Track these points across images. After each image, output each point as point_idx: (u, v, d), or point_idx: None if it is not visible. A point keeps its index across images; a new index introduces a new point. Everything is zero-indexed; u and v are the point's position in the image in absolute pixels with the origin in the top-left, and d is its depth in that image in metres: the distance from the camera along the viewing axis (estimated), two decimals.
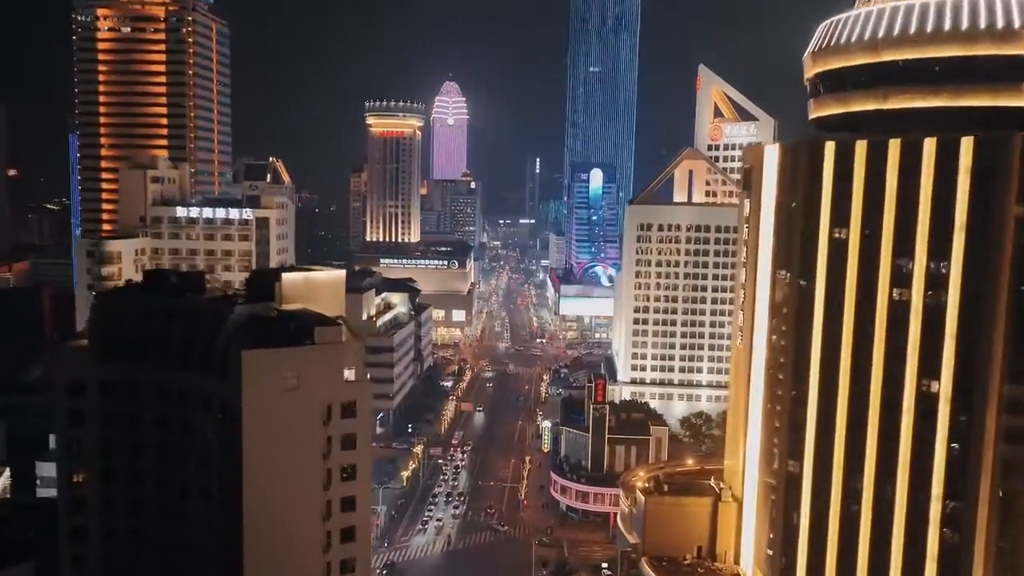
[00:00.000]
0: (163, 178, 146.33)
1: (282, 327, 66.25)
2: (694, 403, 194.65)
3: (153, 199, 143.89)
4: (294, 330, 65.77)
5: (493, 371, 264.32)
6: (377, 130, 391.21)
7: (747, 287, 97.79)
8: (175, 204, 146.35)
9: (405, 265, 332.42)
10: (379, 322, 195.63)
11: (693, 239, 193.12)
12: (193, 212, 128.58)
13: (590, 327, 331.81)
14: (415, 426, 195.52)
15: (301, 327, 65.94)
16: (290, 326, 66.43)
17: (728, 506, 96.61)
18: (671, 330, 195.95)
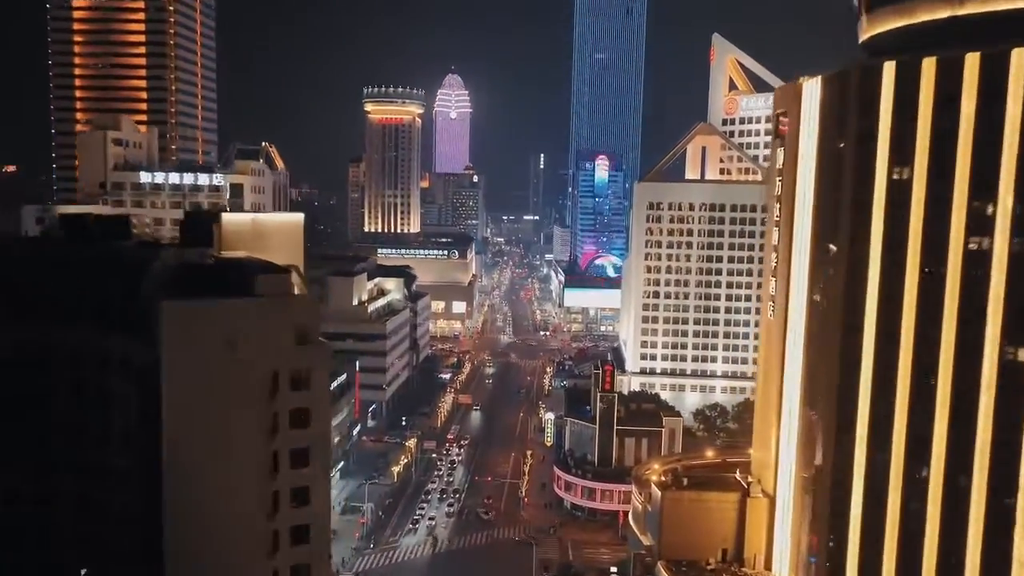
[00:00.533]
0: (127, 141, 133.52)
1: (218, 277, 53.46)
2: (708, 395, 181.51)
3: (115, 163, 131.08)
4: (234, 280, 52.81)
5: (494, 363, 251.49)
6: (375, 117, 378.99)
7: (781, 249, 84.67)
8: (140, 169, 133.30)
9: (404, 255, 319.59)
10: (371, 308, 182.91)
11: (707, 219, 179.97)
12: (158, 177, 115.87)
13: (595, 319, 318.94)
14: (410, 419, 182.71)
15: (242, 277, 52.95)
16: (229, 276, 53.54)
17: (758, 503, 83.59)
18: (683, 316, 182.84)
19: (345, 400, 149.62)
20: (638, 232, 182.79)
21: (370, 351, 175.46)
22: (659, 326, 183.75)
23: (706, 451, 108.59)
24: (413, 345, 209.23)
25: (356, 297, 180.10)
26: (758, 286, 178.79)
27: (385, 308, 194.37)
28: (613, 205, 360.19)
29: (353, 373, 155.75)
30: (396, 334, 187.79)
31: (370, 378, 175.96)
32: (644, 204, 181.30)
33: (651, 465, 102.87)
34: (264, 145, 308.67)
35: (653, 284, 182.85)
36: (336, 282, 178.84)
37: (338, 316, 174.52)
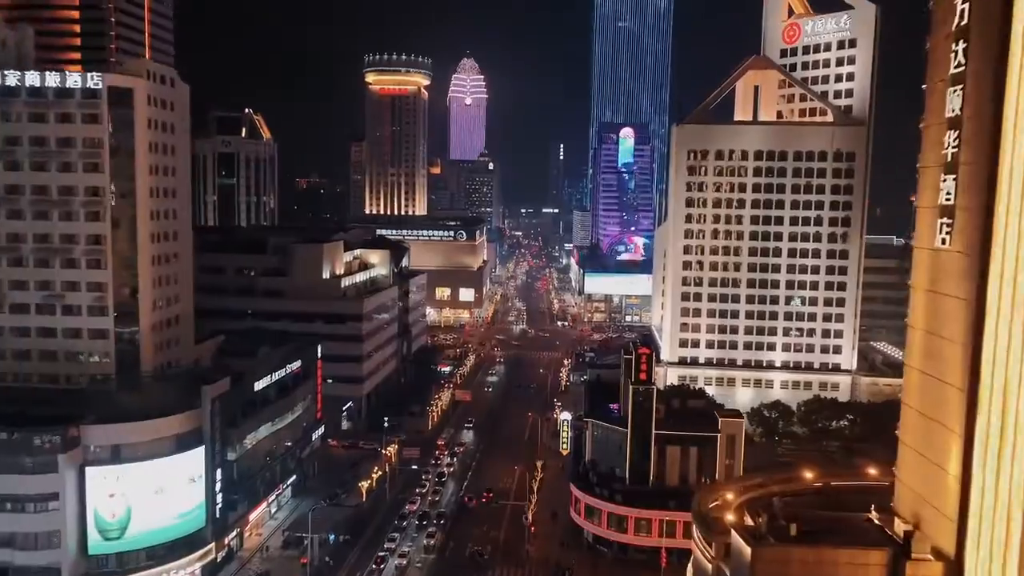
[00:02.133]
0: None
1: None
2: (764, 391, 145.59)
3: None
4: None
5: (504, 356, 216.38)
6: (377, 88, 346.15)
7: (972, 137, 48.28)
8: None
9: (404, 236, 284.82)
10: (346, 283, 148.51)
11: (764, 170, 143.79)
12: (10, 79, 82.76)
13: (620, 308, 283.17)
14: (394, 420, 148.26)
15: None
16: None
17: (926, 568, 47.83)
18: (733, 293, 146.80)
19: (300, 395, 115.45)
20: (676, 189, 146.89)
21: (343, 336, 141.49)
22: (702, 305, 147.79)
23: (797, 469, 72.66)
24: (403, 332, 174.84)
25: (327, 269, 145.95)
26: (829, 254, 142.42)
27: (366, 285, 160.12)
28: (639, 182, 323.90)
29: (313, 361, 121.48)
30: (378, 316, 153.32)
31: (343, 369, 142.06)
32: (683, 153, 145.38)
33: (719, 492, 67.41)
34: (247, 112, 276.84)
35: (696, 253, 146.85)
36: (300, 251, 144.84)
37: (303, 292, 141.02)
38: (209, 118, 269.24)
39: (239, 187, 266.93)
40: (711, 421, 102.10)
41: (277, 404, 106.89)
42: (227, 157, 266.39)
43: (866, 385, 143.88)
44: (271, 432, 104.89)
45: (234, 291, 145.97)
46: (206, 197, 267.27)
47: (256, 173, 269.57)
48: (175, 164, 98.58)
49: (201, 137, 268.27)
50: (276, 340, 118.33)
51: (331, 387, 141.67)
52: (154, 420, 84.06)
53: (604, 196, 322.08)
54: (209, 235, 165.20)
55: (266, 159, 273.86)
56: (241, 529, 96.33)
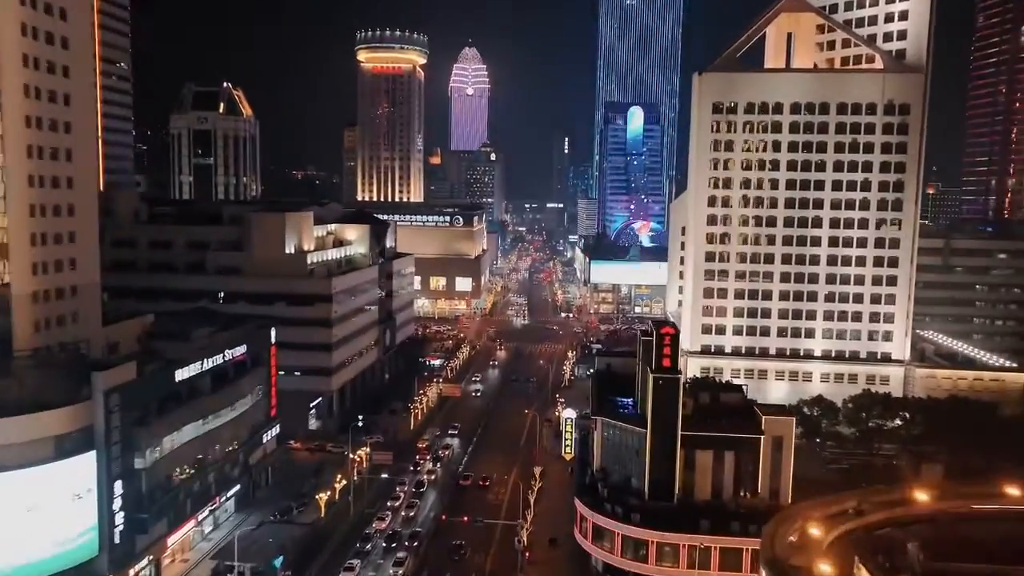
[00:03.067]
0: None
1: None
2: (801, 385, 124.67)
3: None
4: None
5: (502, 348, 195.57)
6: (370, 66, 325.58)
7: None
8: None
9: (397, 221, 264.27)
10: (313, 259, 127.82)
11: (803, 126, 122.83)
12: None
13: (628, 298, 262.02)
14: (370, 419, 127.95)
15: None
16: None
17: None
18: (766, 271, 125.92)
19: (246, 387, 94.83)
20: (699, 150, 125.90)
21: (309, 320, 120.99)
22: (729, 285, 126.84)
23: (907, 488, 51.42)
24: (386, 319, 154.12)
25: (291, 243, 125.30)
26: (879, 224, 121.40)
27: (340, 264, 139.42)
28: (649, 164, 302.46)
29: (264, 346, 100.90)
30: (351, 298, 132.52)
31: (310, 359, 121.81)
32: (707, 107, 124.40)
33: (796, 522, 46.56)
34: (225, 86, 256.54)
35: (721, 224, 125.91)
36: (260, 221, 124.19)
37: (262, 268, 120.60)
38: (184, 92, 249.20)
39: (216, 167, 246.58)
40: (751, 420, 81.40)
41: (212, 398, 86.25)
42: (203, 135, 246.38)
43: (921, 378, 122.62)
44: (203, 433, 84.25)
45: (184, 268, 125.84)
46: (180, 177, 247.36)
47: (235, 152, 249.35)
48: (71, 119, 77.45)
49: (176, 113, 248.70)
50: (227, 323, 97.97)
51: (297, 380, 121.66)
52: (23, 416, 63.76)
53: (611, 180, 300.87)
54: (160, 206, 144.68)
55: (246, 137, 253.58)
56: (156, 557, 75.77)
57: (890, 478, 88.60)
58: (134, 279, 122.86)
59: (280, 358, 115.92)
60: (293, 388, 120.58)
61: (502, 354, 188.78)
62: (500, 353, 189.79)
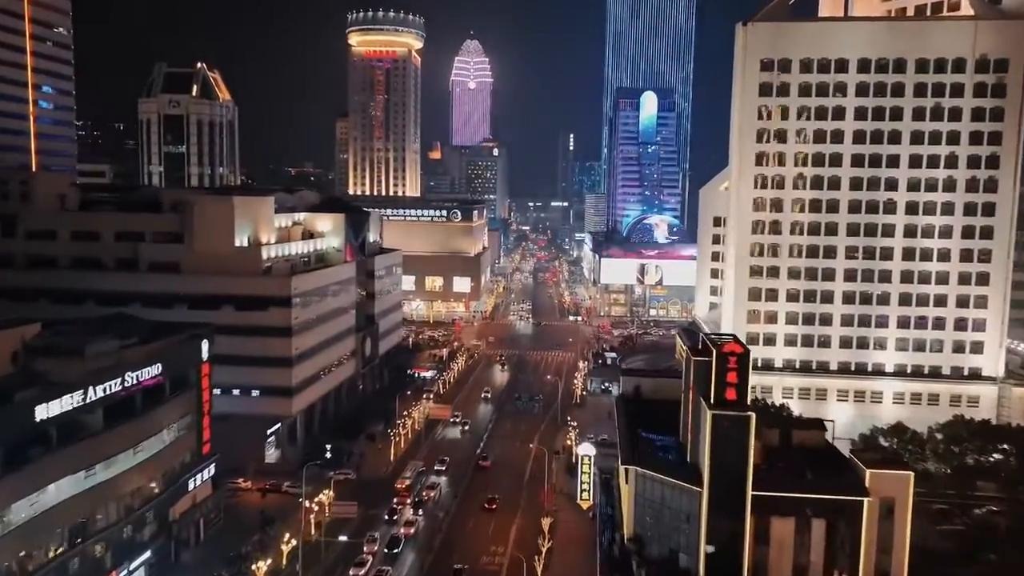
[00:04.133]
0: None
1: None
2: (869, 407, 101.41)
3: None
4: None
5: (503, 357, 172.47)
6: (362, 50, 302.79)
7: None
8: None
9: (389, 217, 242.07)
10: (270, 254, 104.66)
11: (873, 88, 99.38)
12: None
13: (643, 300, 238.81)
14: (343, 446, 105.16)
15: None
16: None
17: None
18: (826, 268, 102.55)
19: (162, 419, 71.87)
20: (743, 118, 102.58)
21: (264, 328, 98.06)
22: (780, 284, 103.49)
23: None
24: (366, 325, 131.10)
25: (242, 234, 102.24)
26: (967, 209, 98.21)
27: (307, 259, 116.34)
28: (664, 155, 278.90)
29: (192, 365, 77.93)
30: (320, 301, 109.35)
31: (265, 376, 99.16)
32: (754, 66, 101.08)
33: None
34: (199, 67, 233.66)
35: (771, 210, 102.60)
36: (203, 207, 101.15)
37: (206, 265, 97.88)
38: (154, 74, 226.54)
39: (189, 156, 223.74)
40: (846, 473, 58.12)
41: (103, 439, 63.32)
42: (175, 120, 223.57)
43: (1020, 398, 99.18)
44: (87, 488, 61.34)
45: (113, 265, 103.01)
46: (150, 168, 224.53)
47: (211, 140, 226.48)
48: None
49: (144, 96, 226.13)
50: (149, 334, 75.32)
51: (249, 402, 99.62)
52: None
53: (623, 171, 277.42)
54: (93, 191, 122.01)
55: (223, 123, 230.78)
56: None
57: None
58: (52, 278, 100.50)
59: (227, 376, 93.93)
60: (245, 412, 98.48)
61: (503, 364, 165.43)
62: (501, 363, 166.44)
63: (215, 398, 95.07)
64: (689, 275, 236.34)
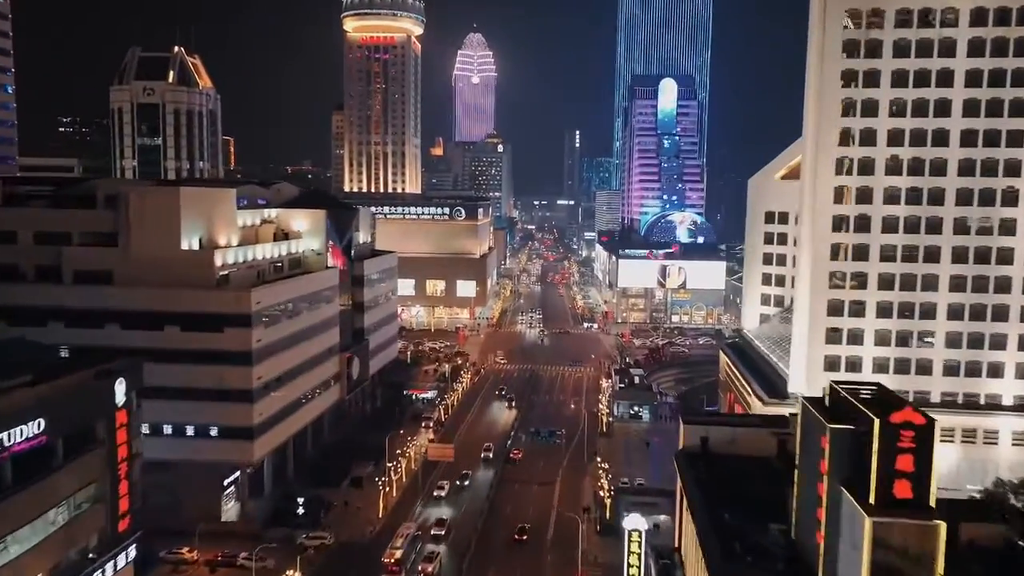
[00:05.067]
0: None
1: None
2: (982, 450, 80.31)
3: None
4: None
5: (514, 373, 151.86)
6: (358, 36, 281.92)
7: None
8: None
9: (387, 215, 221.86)
10: (226, 260, 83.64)
11: (990, 46, 78.14)
12: None
13: (664, 305, 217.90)
14: (320, 497, 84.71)
15: None
16: None
17: None
18: (928, 275, 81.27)
19: (54, 492, 51.13)
20: (823, 81, 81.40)
21: (217, 353, 77.32)
22: (868, 295, 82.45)
23: None
24: (353, 342, 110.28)
25: (191, 235, 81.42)
26: None
27: (278, 265, 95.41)
28: (684, 146, 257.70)
29: (101, 413, 57.07)
30: (291, 317, 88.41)
31: (217, 413, 78.58)
32: (837, 17, 79.95)
33: None
34: (177, 51, 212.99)
35: (858, 201, 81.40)
36: (141, 201, 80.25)
37: (144, 274, 77.20)
38: (127, 59, 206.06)
39: (165, 149, 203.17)
40: None
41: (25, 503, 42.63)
42: (150, 109, 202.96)
43: None
44: None
45: (32, 274, 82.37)
46: (122, 162, 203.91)
47: (189, 131, 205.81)
48: None
49: (117, 83, 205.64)
50: (45, 369, 54.96)
51: (202, 446, 78.88)
52: None
53: (641, 164, 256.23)
54: (32, 184, 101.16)
55: (203, 113, 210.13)
56: None
57: None
58: None
59: (172, 413, 74.49)
60: (195, 458, 77.97)
61: (514, 383, 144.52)
62: (511, 382, 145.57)
63: (156, 441, 75.58)
64: (715, 278, 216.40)
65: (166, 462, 76.53)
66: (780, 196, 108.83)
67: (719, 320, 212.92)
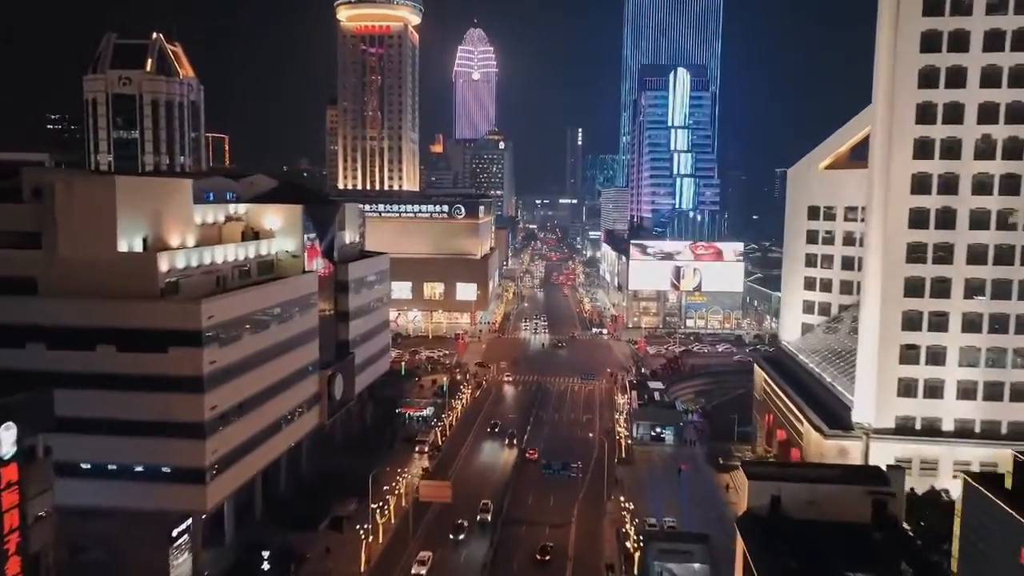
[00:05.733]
0: None
1: None
2: None
3: None
4: None
5: (519, 387, 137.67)
6: (352, 26, 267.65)
7: None
8: None
9: (381, 213, 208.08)
10: (181, 262, 69.35)
11: None
12: None
13: (677, 309, 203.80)
14: (290, 544, 70.60)
15: None
16: None
17: None
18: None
19: None
20: (902, 46, 67.10)
21: (161, 379, 63.21)
22: (953, 305, 68.08)
23: None
24: (336, 358, 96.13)
25: (131, 234, 67.23)
26: None
27: (244, 268, 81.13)
28: (697, 140, 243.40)
29: None
30: (256, 331, 74.11)
31: (161, 451, 64.26)
32: None
33: None
34: (155, 37, 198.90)
35: (941, 190, 67.12)
36: (71, 194, 66.00)
37: (72, 281, 62.77)
38: (102, 46, 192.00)
39: (143, 142, 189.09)
40: None
41: None
42: (126, 100, 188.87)
43: None
44: None
45: None
46: (97, 156, 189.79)
47: (168, 123, 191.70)
48: None
49: (91, 72, 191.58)
50: None
51: (146, 491, 64.87)
52: None
53: (651, 158, 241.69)
54: None
55: (184, 104, 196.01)
56: None
57: None
58: None
59: (107, 450, 61.06)
60: (138, 506, 64.14)
61: (519, 399, 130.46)
62: (515, 396, 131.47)
63: (87, 485, 62.21)
64: (733, 279, 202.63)
65: (102, 511, 63.10)
66: (825, 188, 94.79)
67: (739, 325, 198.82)
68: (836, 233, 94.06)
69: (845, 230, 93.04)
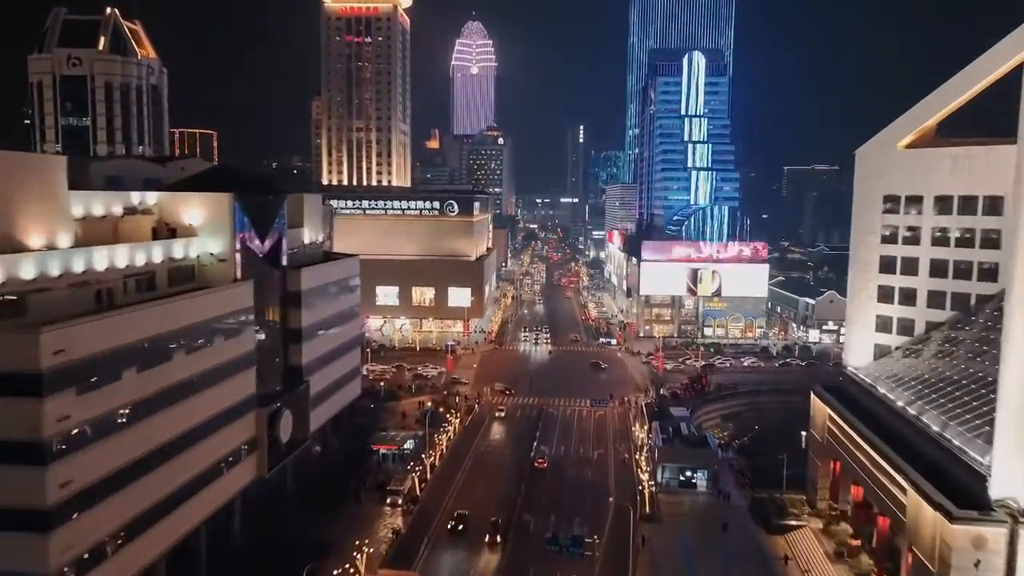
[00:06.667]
0: None
1: None
2: None
3: None
4: None
5: (517, 416, 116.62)
6: (336, 7, 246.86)
7: None
8: None
9: (365, 210, 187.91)
10: (38, 270, 48.35)
11: None
12: None
13: (694, 317, 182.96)
14: None
15: None
16: None
17: None
18: None
19: None
20: None
21: None
22: None
23: None
24: (280, 391, 75.24)
25: None
26: None
27: (147, 276, 60.18)
28: (714, 129, 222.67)
29: None
30: (146, 371, 53.13)
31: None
32: None
33: None
34: (110, 12, 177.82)
35: None
36: None
37: None
38: (49, 23, 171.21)
39: (95, 130, 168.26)
40: None
41: None
42: (76, 83, 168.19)
43: None
44: None
45: None
46: (44, 146, 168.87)
47: (124, 108, 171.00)
48: None
49: (37, 52, 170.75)
50: None
51: None
52: None
53: (663, 150, 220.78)
54: None
55: (143, 88, 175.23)
56: None
57: None
58: None
59: None
60: None
61: (518, 433, 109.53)
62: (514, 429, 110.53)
63: None
64: (756, 283, 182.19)
65: None
66: (909, 172, 74.26)
67: (766, 335, 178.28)
68: (923, 230, 73.61)
69: (936, 226, 72.45)
